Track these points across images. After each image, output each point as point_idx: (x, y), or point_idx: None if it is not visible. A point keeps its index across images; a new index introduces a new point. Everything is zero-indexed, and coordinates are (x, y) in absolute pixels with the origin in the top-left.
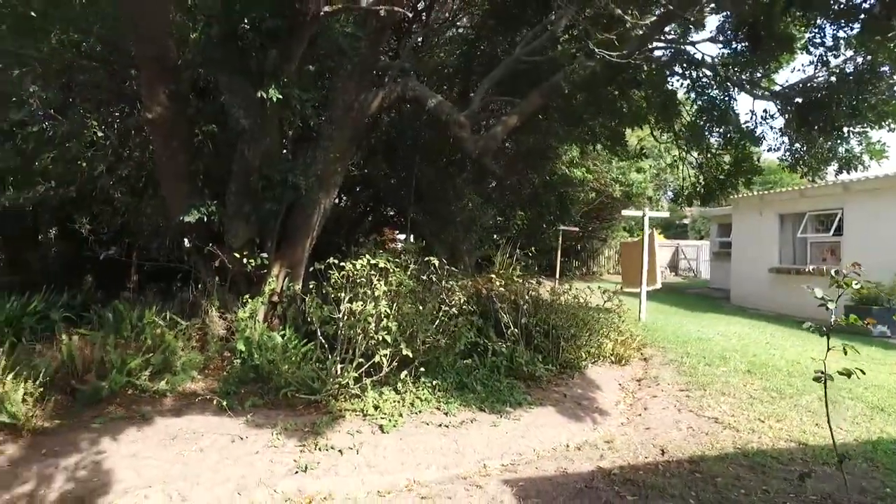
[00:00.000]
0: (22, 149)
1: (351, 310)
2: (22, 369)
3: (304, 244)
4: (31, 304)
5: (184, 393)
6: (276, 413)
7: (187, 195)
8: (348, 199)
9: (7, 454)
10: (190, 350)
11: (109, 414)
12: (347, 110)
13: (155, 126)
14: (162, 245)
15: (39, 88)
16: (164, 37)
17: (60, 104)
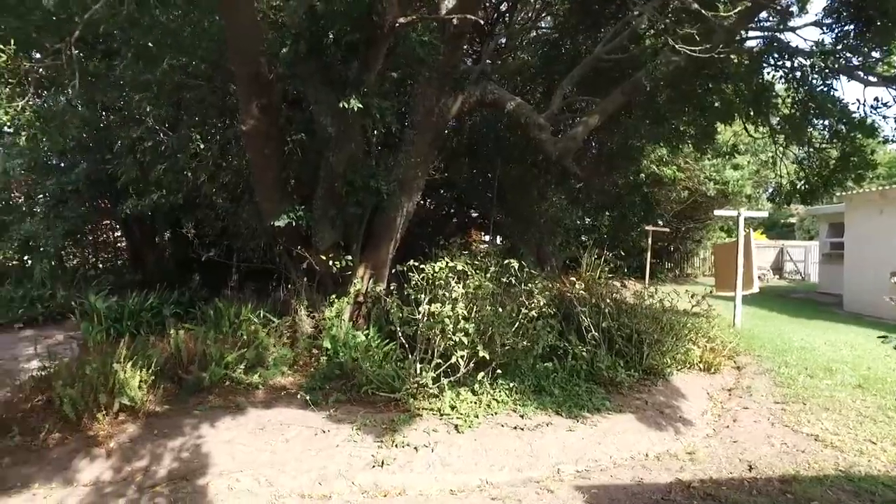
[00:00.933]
0: (140, 162)
1: (430, 311)
2: (138, 359)
3: (388, 246)
4: (147, 300)
5: (274, 386)
6: (357, 409)
7: (278, 201)
8: (432, 202)
9: (128, 432)
10: (281, 346)
11: (209, 402)
12: (428, 115)
13: (249, 137)
14: (257, 247)
15: (153, 108)
16: (257, 55)
17: (171, 121)
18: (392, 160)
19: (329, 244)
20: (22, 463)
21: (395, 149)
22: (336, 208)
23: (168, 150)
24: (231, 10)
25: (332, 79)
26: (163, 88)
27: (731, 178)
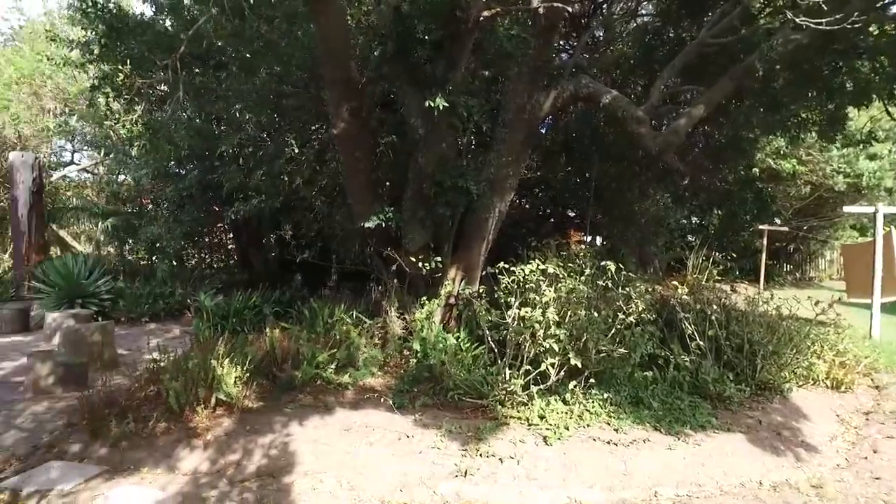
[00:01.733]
0: (242, 168)
1: (519, 315)
2: (235, 356)
3: (480, 247)
4: (251, 299)
5: (363, 387)
6: (443, 414)
7: (369, 202)
8: (526, 202)
9: (224, 426)
10: (372, 347)
11: (300, 401)
12: (519, 113)
13: (340, 140)
14: (352, 249)
15: (253, 115)
16: (347, 59)
17: (271, 128)
18: (482, 160)
19: (419, 245)
20: (135, 448)
21: (487, 148)
22: (425, 209)
23: (266, 156)
24: (322, 17)
25: (418, 79)
26: (262, 97)
27: (865, 170)
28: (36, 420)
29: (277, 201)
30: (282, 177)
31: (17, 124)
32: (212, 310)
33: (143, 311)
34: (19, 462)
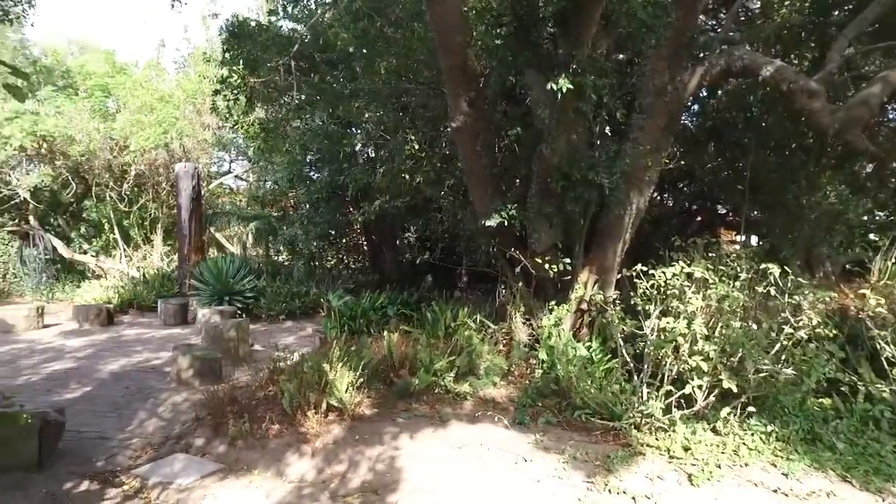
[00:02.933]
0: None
1: (659, 326)
2: (351, 359)
3: (615, 248)
4: (378, 299)
5: (483, 399)
6: (567, 436)
7: (490, 199)
8: (668, 198)
9: (333, 433)
10: (495, 355)
11: (414, 410)
12: (659, 95)
13: (459, 133)
14: (478, 249)
15: (373, 114)
16: (463, 46)
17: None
18: (615, 150)
19: (546, 245)
20: (250, 448)
21: (622, 137)
22: (552, 206)
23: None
24: (435, 2)
25: (541, 60)
26: (384, 95)
27: None
28: (174, 410)
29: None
30: (403, 175)
31: (181, 138)
32: (339, 310)
33: (281, 310)
34: (153, 450)
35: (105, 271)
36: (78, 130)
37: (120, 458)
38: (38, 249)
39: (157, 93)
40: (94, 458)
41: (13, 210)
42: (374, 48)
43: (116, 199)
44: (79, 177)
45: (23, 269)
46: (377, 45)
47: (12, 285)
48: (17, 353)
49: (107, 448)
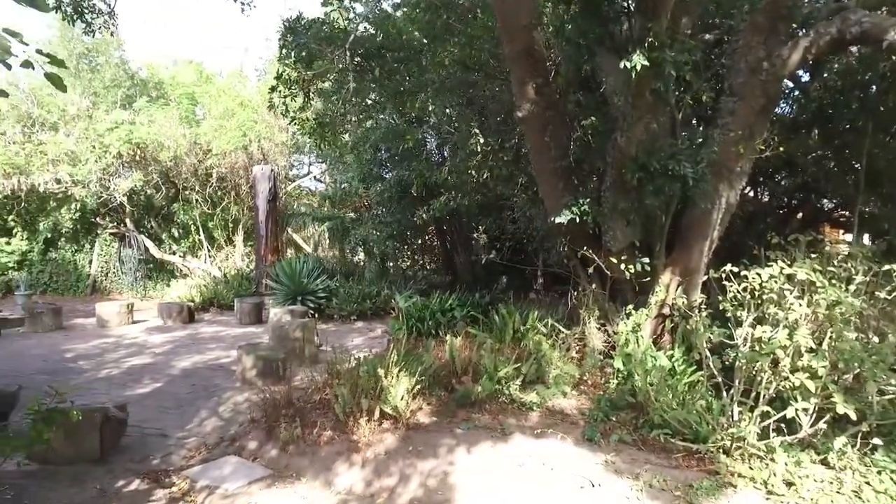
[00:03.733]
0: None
1: (754, 336)
2: (410, 363)
3: (701, 247)
4: (447, 301)
5: (551, 410)
6: (643, 457)
7: (560, 194)
8: (763, 191)
9: (385, 443)
10: (566, 362)
11: (475, 420)
12: (753, 74)
13: (526, 123)
14: (552, 249)
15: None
16: (528, 27)
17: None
18: (700, 138)
19: (623, 244)
20: (300, 454)
21: (708, 123)
22: (628, 200)
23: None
24: None
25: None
26: (446, 87)
27: None
28: (234, 410)
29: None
30: (469, 172)
31: (259, 141)
32: (407, 311)
33: (353, 310)
34: (207, 451)
35: (191, 271)
36: (167, 137)
37: (175, 456)
38: (133, 250)
39: (237, 98)
40: (150, 456)
41: (112, 213)
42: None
43: (201, 202)
44: (169, 181)
45: (120, 269)
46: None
47: (113, 283)
48: (106, 348)
49: (164, 446)
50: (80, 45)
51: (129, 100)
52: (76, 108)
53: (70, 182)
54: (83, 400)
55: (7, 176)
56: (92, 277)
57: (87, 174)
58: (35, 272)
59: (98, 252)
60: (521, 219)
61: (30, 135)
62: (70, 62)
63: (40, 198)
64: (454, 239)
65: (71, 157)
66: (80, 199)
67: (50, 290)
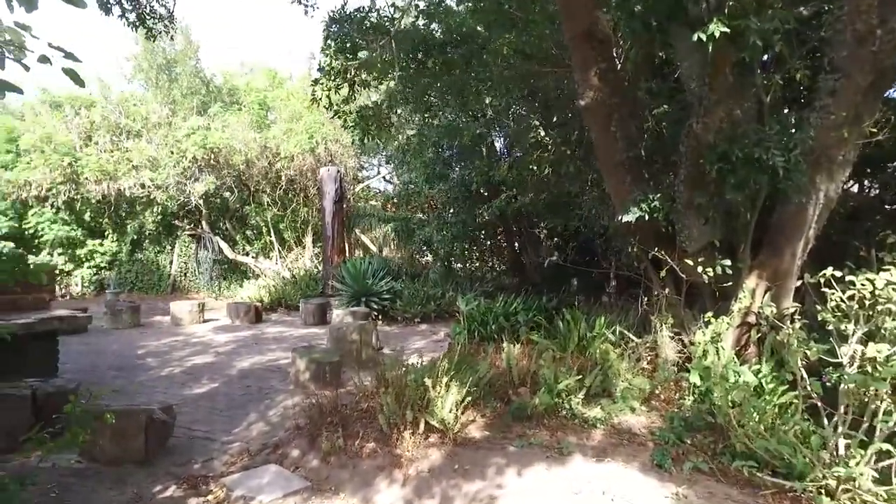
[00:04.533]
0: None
1: (863, 354)
2: (463, 372)
3: (794, 248)
4: (512, 304)
5: (617, 428)
6: (723, 492)
7: (628, 189)
8: (872, 183)
9: (430, 459)
10: (636, 374)
11: (531, 437)
12: (860, 45)
13: (589, 112)
14: (622, 250)
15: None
16: (589, 6)
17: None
18: (797, 122)
19: (700, 244)
20: (342, 466)
21: (803, 106)
22: (706, 195)
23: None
24: None
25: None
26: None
27: None
28: (282, 415)
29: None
30: (531, 168)
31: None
32: (469, 315)
33: (417, 312)
34: (249, 458)
35: (262, 271)
36: (239, 141)
37: (216, 462)
38: (209, 251)
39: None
40: (193, 460)
41: (189, 216)
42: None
43: (272, 204)
44: (242, 184)
45: (197, 269)
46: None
47: (191, 282)
48: (174, 346)
49: (209, 450)
50: (160, 57)
51: (205, 106)
52: (157, 116)
53: (152, 186)
54: (142, 398)
55: (98, 182)
56: (172, 277)
57: (165, 178)
58: (123, 271)
59: (178, 253)
60: (589, 217)
61: (117, 143)
62: (151, 74)
63: (127, 202)
64: (523, 240)
65: (152, 162)
66: (161, 202)
67: (136, 289)
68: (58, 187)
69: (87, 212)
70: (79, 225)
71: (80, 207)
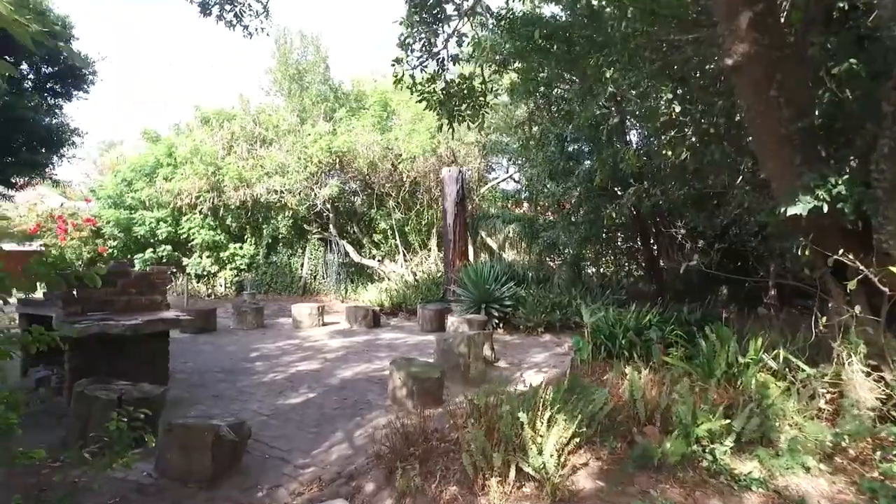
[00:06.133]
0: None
1: None
2: (578, 401)
3: None
4: (645, 316)
5: (782, 493)
6: None
7: (796, 172)
8: None
9: None
10: (809, 418)
11: (657, 496)
12: None
13: (740, 73)
14: (786, 251)
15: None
16: None
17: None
18: None
19: None
20: None
21: None
22: None
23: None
24: None
25: None
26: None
27: None
28: (369, 437)
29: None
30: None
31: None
32: (594, 327)
33: (539, 321)
34: (318, 489)
35: (386, 274)
36: (362, 144)
37: (283, 490)
38: (336, 254)
39: None
40: (259, 486)
41: (318, 220)
42: None
43: (396, 207)
44: (367, 187)
45: (324, 272)
46: None
47: (320, 285)
48: (286, 350)
49: (280, 474)
50: (293, 69)
51: (332, 113)
52: (287, 123)
53: (283, 191)
54: (236, 406)
55: (237, 188)
56: (303, 279)
57: (293, 184)
58: (260, 273)
59: (308, 256)
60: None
61: (253, 152)
62: (284, 84)
63: (262, 207)
64: (658, 240)
65: (282, 168)
66: (292, 207)
67: (271, 290)
68: (204, 195)
69: (228, 217)
70: (222, 230)
71: (223, 213)
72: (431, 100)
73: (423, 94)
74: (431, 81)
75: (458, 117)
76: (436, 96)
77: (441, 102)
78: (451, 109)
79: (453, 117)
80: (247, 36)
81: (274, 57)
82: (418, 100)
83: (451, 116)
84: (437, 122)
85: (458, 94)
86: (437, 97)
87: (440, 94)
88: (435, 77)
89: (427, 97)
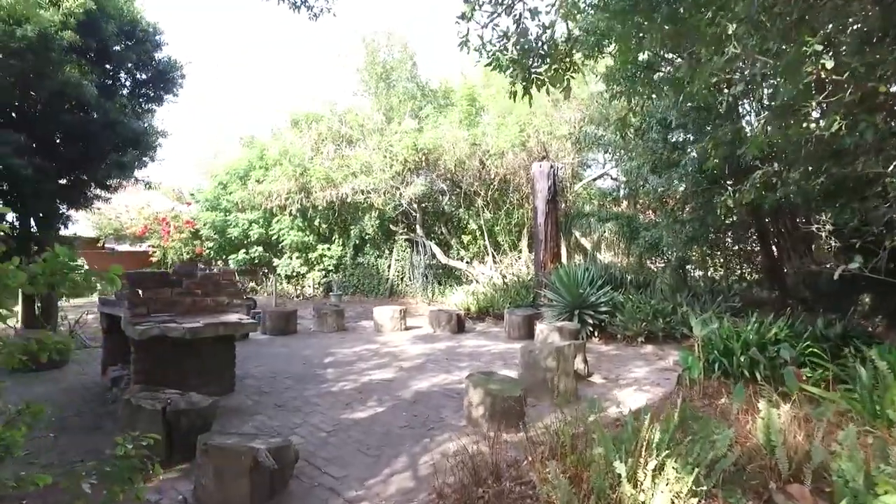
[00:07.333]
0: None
1: None
2: (694, 443)
3: None
4: (769, 330)
5: None
6: None
7: None
8: None
9: None
10: None
11: None
12: None
13: None
14: None
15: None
16: None
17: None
18: None
19: None
20: None
21: None
22: None
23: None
24: None
25: None
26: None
27: None
28: (435, 466)
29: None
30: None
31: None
32: (706, 341)
33: (640, 330)
34: None
35: (475, 277)
36: (448, 141)
37: None
38: (422, 256)
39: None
40: None
41: (405, 220)
42: None
43: (485, 206)
44: (454, 185)
45: (411, 273)
46: None
47: (407, 286)
48: (362, 355)
49: None
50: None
51: (419, 110)
52: (372, 122)
53: (369, 191)
54: (297, 418)
55: (323, 189)
56: (390, 281)
57: (378, 183)
58: (347, 274)
59: (395, 257)
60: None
61: (339, 152)
62: (371, 83)
63: (349, 207)
64: (781, 240)
65: (367, 167)
66: (378, 207)
67: (358, 292)
68: (293, 196)
69: (316, 218)
70: (311, 230)
71: (311, 214)
72: (503, 58)
73: (493, 54)
74: (504, 38)
75: (537, 81)
76: (507, 54)
77: (514, 60)
78: (526, 68)
79: (530, 80)
80: (312, 18)
81: (360, 55)
82: (486, 62)
83: (526, 79)
84: (510, 89)
85: (536, 50)
86: (509, 55)
87: (513, 50)
88: (508, 35)
89: (497, 57)
